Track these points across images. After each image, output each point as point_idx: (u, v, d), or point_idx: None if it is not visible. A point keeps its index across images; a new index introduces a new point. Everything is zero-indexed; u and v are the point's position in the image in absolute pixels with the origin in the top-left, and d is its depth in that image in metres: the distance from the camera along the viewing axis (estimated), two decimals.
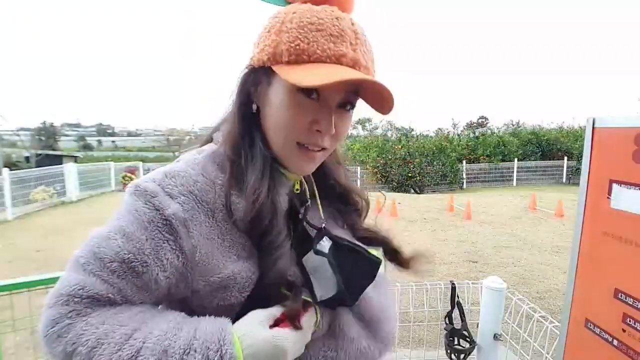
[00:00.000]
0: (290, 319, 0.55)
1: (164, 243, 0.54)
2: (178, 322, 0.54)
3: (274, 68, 0.56)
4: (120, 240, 0.53)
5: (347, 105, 0.60)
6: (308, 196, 0.68)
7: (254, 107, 0.63)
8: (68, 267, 0.55)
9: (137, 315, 0.54)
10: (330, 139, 0.61)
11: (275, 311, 0.56)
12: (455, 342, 1.67)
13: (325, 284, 0.60)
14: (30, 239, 6.45)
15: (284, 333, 0.54)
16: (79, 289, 0.52)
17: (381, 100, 0.57)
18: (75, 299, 0.52)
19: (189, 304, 0.59)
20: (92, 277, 0.53)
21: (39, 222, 8.11)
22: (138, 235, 0.53)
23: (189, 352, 0.50)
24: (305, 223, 0.65)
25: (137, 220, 0.54)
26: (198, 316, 0.56)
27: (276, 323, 0.55)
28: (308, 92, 0.56)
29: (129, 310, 0.54)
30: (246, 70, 0.63)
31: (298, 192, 0.67)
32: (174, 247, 0.54)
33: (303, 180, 0.68)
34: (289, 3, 0.62)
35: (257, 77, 0.61)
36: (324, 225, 0.66)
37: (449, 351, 1.68)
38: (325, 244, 0.63)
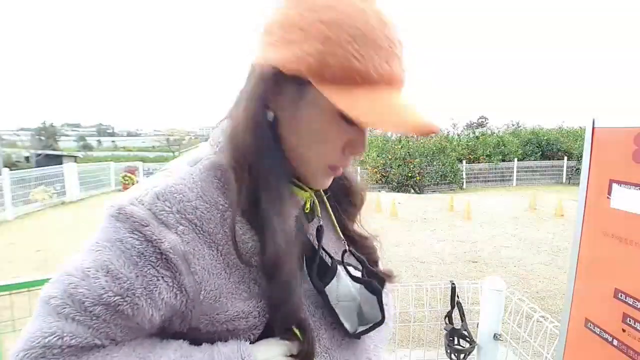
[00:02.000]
0: None
1: (158, 281, 0.45)
2: (185, 350, 0.48)
3: (319, 88, 0.45)
4: (104, 280, 0.44)
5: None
6: (319, 215, 0.61)
7: (270, 115, 0.51)
8: (38, 310, 0.45)
9: (134, 352, 0.46)
10: (357, 157, 0.56)
11: (293, 348, 0.51)
12: (455, 342, 1.67)
13: (347, 314, 0.57)
14: (30, 239, 6.45)
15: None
16: (57, 339, 0.43)
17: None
18: (54, 351, 0.43)
19: (181, 337, 0.51)
20: (71, 322, 0.43)
21: (39, 222, 8.11)
22: (126, 272, 0.44)
23: None
24: (321, 250, 0.59)
25: (123, 254, 0.44)
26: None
27: None
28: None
29: (121, 348, 0.46)
30: (266, 72, 0.48)
31: (308, 211, 0.59)
32: (171, 285, 0.46)
33: (314, 197, 0.60)
34: None
35: (283, 84, 0.48)
36: (346, 251, 0.62)
37: (449, 351, 1.68)
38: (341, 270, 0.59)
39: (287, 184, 0.53)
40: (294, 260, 0.51)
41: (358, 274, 0.62)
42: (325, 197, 0.64)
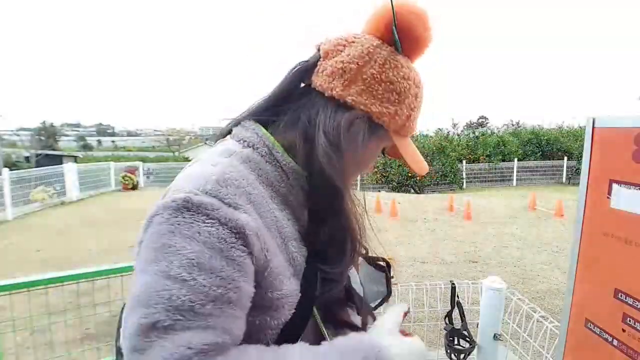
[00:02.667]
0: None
1: (244, 259, 0.48)
2: (312, 351, 0.50)
3: (394, 138, 0.64)
4: (200, 277, 0.44)
5: None
6: None
7: (349, 150, 0.59)
8: (148, 337, 0.42)
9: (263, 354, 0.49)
10: None
11: (398, 318, 0.61)
12: (455, 342, 1.67)
13: (357, 289, 0.69)
14: (30, 239, 6.45)
15: (416, 341, 0.58)
16: (186, 351, 0.42)
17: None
18: None
19: None
20: (188, 332, 0.43)
21: (39, 222, 8.11)
22: (216, 263, 0.45)
23: None
24: None
25: (205, 245, 0.45)
26: None
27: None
28: (382, 151, 0.69)
29: (247, 353, 0.48)
30: (358, 115, 0.59)
31: None
32: (251, 260, 0.49)
33: None
34: (384, 40, 0.62)
35: (367, 126, 0.60)
36: None
37: (449, 351, 1.68)
38: None
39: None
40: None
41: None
42: None
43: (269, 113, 0.62)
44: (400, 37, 0.59)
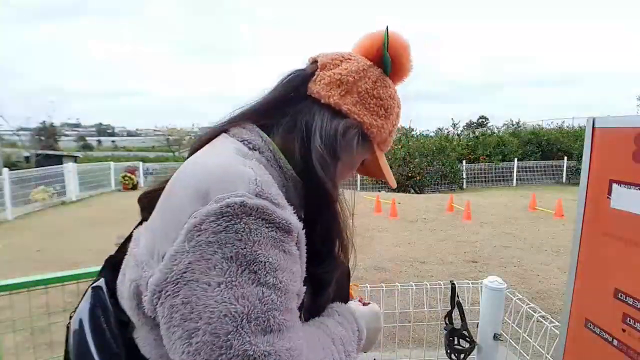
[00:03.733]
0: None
1: (300, 258, 0.54)
2: (338, 322, 0.66)
3: (377, 150, 0.70)
4: (285, 278, 0.48)
5: None
6: None
7: (343, 158, 0.65)
8: (268, 348, 0.44)
9: (323, 335, 0.62)
10: None
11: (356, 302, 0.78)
12: (455, 342, 1.67)
13: None
14: (30, 239, 6.45)
15: (373, 307, 0.78)
16: (299, 343, 0.49)
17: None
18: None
19: None
20: (294, 329, 0.49)
21: (39, 222, 8.12)
22: (289, 264, 0.50)
23: (357, 334, 0.68)
24: None
25: (274, 247, 0.48)
26: None
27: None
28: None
29: (310, 334, 0.59)
30: (353, 125, 0.64)
31: None
32: (300, 254, 0.54)
33: None
34: (376, 62, 0.68)
35: (359, 136, 0.65)
36: None
37: (449, 351, 1.68)
38: None
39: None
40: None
41: None
42: None
43: (265, 116, 0.63)
44: (394, 62, 0.68)
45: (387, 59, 0.66)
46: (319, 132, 0.61)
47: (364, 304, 0.80)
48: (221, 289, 0.44)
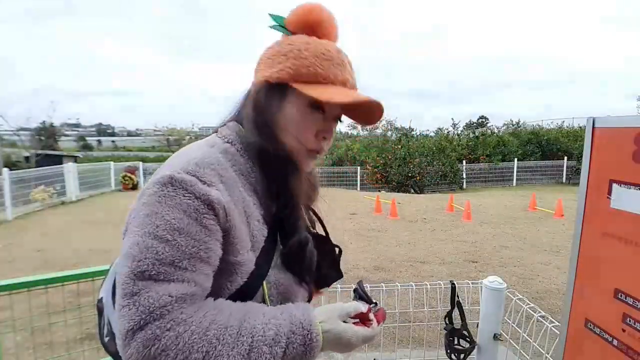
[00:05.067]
0: (364, 321, 0.69)
1: (214, 226, 0.59)
2: (271, 313, 0.62)
3: (295, 86, 0.68)
4: (180, 239, 0.56)
5: (339, 117, 0.76)
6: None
7: (268, 115, 0.70)
8: (137, 285, 0.53)
9: (233, 314, 0.59)
10: (327, 143, 0.75)
11: (350, 309, 0.68)
12: (455, 342, 1.67)
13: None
14: (30, 239, 6.45)
15: (357, 330, 0.67)
16: (167, 299, 0.54)
17: (371, 115, 0.75)
18: (168, 308, 0.53)
19: None
20: (170, 284, 0.55)
21: (39, 222, 8.11)
22: (192, 228, 0.57)
23: (293, 333, 0.60)
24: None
25: (185, 212, 0.57)
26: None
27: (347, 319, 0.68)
28: (317, 107, 0.70)
29: (221, 309, 0.59)
30: (259, 84, 0.72)
31: None
32: (219, 227, 0.60)
33: None
34: (293, 33, 0.74)
35: (272, 91, 0.70)
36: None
37: (449, 351, 1.68)
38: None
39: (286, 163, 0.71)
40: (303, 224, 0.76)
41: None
42: None
43: (239, 114, 0.76)
44: (292, 24, 0.74)
45: (275, 21, 0.75)
46: (249, 106, 0.73)
47: (369, 313, 0.71)
48: (131, 236, 0.57)
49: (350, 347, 0.66)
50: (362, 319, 0.70)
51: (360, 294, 0.76)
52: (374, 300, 0.75)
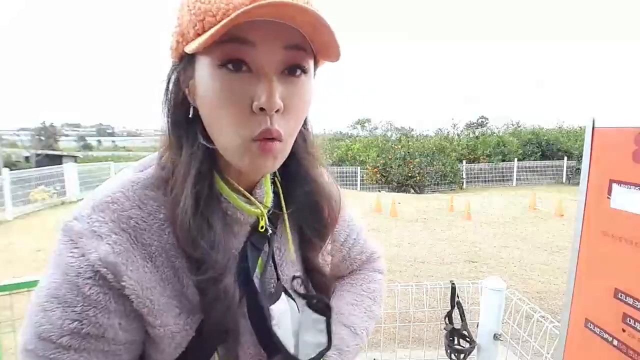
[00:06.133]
0: None
1: (104, 294, 0.45)
2: None
3: (193, 44, 0.43)
4: (58, 310, 0.43)
5: (295, 69, 0.46)
6: (275, 232, 0.58)
7: (191, 111, 0.49)
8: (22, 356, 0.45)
9: None
10: (283, 119, 0.46)
11: None
12: (455, 342, 1.67)
13: (285, 338, 0.54)
14: (30, 239, 6.45)
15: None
16: None
17: (328, 47, 0.45)
18: None
19: None
20: None
21: (39, 222, 8.11)
22: (72, 297, 0.43)
23: None
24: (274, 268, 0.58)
25: (65, 278, 0.44)
26: None
27: None
28: (235, 64, 0.43)
29: None
30: (168, 70, 0.50)
31: (263, 230, 0.54)
32: (116, 294, 0.45)
33: (265, 214, 0.55)
34: None
35: (179, 72, 0.49)
36: (295, 277, 0.60)
37: (449, 351, 1.68)
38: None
39: (209, 183, 0.49)
40: (229, 278, 0.49)
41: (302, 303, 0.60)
42: (286, 215, 0.58)
43: None
44: None
45: None
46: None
47: None
48: None
49: None
50: None
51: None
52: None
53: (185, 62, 0.47)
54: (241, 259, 0.52)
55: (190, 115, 0.49)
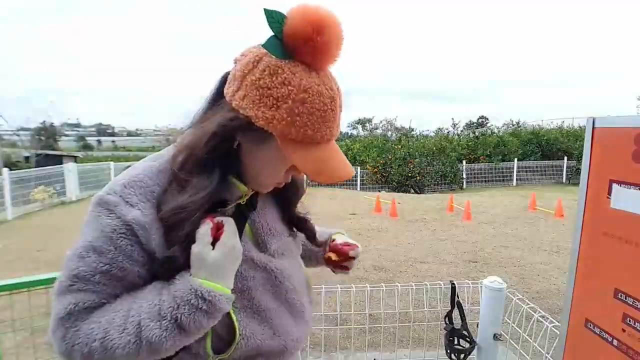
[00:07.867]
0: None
1: (132, 246, 0.61)
2: (157, 289, 0.63)
3: (282, 144, 0.63)
4: (94, 257, 0.60)
5: None
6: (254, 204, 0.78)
7: (236, 143, 0.67)
8: (57, 294, 0.62)
9: (124, 299, 0.63)
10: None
11: (204, 230, 0.63)
12: (455, 342, 1.67)
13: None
14: (30, 239, 6.45)
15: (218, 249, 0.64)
16: (74, 307, 0.60)
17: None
18: (75, 314, 0.61)
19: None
20: (81, 293, 0.61)
21: (39, 222, 8.11)
22: (106, 247, 0.60)
23: (178, 307, 0.60)
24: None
25: (102, 233, 0.60)
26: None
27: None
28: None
29: (122, 299, 0.63)
30: (241, 116, 0.63)
31: (244, 203, 0.74)
32: (140, 247, 0.62)
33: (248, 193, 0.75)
34: (287, 54, 0.61)
35: (251, 129, 0.63)
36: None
37: (448, 351, 1.68)
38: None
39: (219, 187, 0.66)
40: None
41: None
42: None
43: (199, 120, 0.69)
44: (292, 43, 0.60)
45: (269, 42, 0.60)
46: (216, 123, 0.65)
47: (347, 246, 0.94)
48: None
49: (220, 258, 0.63)
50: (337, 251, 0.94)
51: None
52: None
53: (259, 130, 0.63)
54: (233, 216, 0.70)
55: (234, 147, 0.67)
